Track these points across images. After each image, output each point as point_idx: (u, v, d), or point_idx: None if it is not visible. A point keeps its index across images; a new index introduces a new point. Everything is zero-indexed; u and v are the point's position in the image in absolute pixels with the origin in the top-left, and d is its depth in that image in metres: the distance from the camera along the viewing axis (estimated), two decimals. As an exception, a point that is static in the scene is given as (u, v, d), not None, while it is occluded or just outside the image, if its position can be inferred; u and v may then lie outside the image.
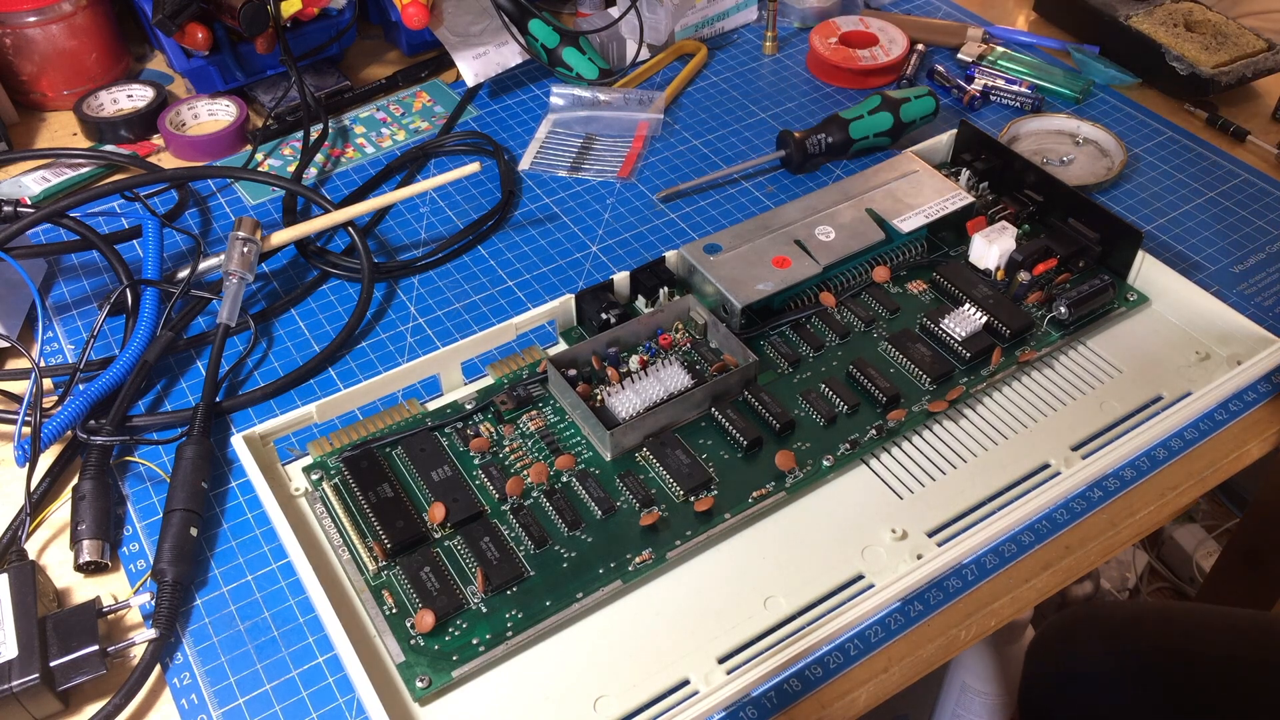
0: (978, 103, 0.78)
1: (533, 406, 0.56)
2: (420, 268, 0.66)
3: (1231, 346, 0.58)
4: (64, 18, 0.77)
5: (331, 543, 0.50)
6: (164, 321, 0.60)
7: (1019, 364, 0.57)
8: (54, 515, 0.53)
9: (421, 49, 0.85)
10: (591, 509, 0.51)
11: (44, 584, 0.48)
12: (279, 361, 0.61)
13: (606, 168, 0.74)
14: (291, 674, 0.47)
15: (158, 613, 0.47)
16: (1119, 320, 0.61)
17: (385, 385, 0.54)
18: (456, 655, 0.46)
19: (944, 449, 0.54)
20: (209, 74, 0.78)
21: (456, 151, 0.76)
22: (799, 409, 0.55)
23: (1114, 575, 1.30)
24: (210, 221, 0.70)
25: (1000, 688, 0.94)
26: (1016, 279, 0.61)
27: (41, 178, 0.73)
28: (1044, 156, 0.73)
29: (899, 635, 0.48)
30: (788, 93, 0.81)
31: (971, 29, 0.84)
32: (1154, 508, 0.53)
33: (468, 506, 0.51)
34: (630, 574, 0.48)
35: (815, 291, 0.61)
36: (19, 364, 0.61)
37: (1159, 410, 0.56)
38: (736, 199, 0.72)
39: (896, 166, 0.67)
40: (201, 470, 0.52)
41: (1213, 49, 0.77)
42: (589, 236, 0.69)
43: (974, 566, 0.50)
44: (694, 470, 0.52)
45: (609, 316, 0.58)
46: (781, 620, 0.47)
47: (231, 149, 0.76)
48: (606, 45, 0.82)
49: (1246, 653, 0.71)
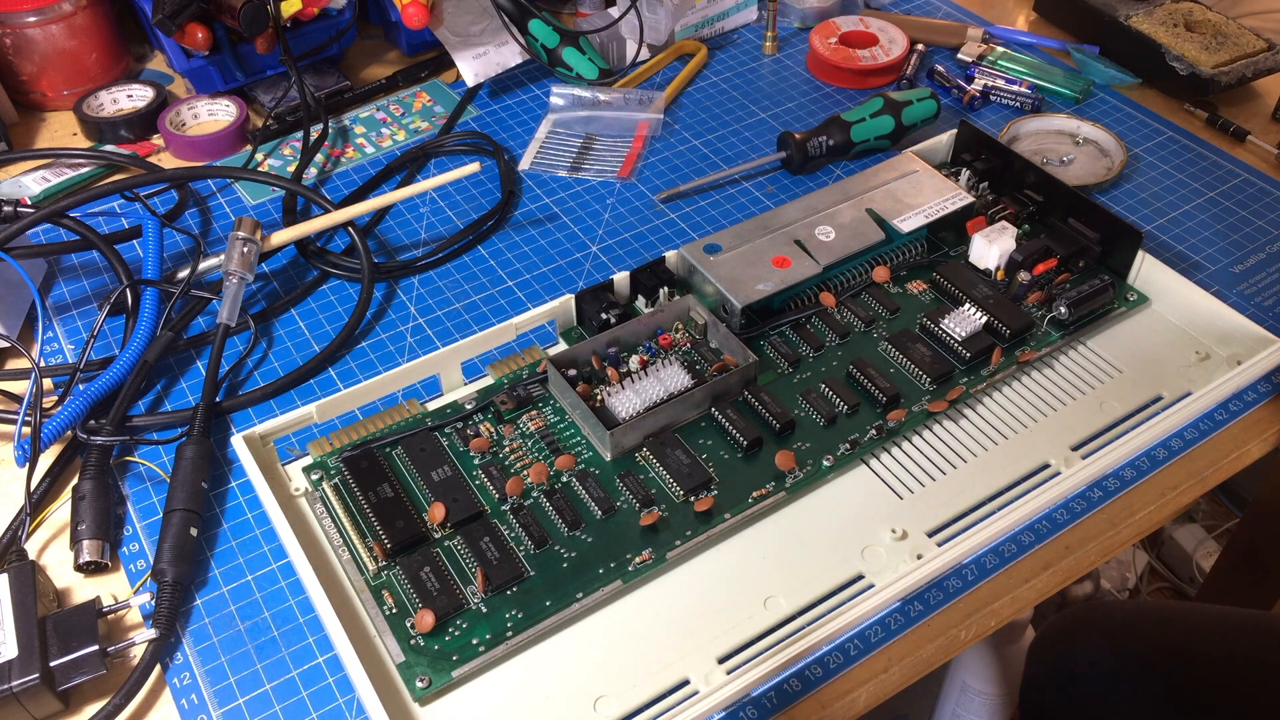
0: (978, 103, 0.78)
1: (533, 406, 0.56)
2: (420, 268, 0.66)
3: (1231, 346, 0.58)
4: (64, 18, 0.77)
5: (331, 543, 0.50)
6: (164, 321, 0.60)
7: (1019, 364, 0.57)
8: (54, 515, 0.53)
9: (421, 49, 0.85)
10: (591, 509, 0.51)
11: (44, 584, 0.48)
12: (279, 361, 0.61)
13: (606, 168, 0.74)
14: (291, 674, 0.47)
15: (158, 613, 0.47)
16: (1119, 320, 0.61)
17: (385, 385, 0.54)
18: (456, 655, 0.46)
19: (944, 449, 0.54)
20: (209, 74, 0.78)
21: (456, 151, 0.76)
22: (799, 409, 0.55)
23: (1114, 575, 1.30)
24: (210, 221, 0.70)
25: (1000, 688, 0.94)
26: (1016, 279, 0.61)
27: (41, 178, 0.73)
28: (1044, 156, 0.73)
29: (899, 635, 0.48)
30: (788, 93, 0.81)
31: (971, 29, 0.84)
32: (1154, 508, 0.53)
33: (468, 506, 0.51)
34: (630, 574, 0.48)
35: (815, 291, 0.61)
36: (19, 364, 0.61)
37: (1159, 410, 0.56)
38: (736, 199, 0.72)
39: (896, 166, 0.67)
40: (201, 470, 0.52)
41: (1213, 49, 0.77)
42: (589, 236, 0.69)
43: (974, 566, 0.50)
44: (694, 470, 0.52)
45: (609, 316, 0.58)
46: (781, 620, 0.47)
47: (231, 149, 0.76)
48: (606, 45, 0.82)
49: (1246, 652, 0.71)
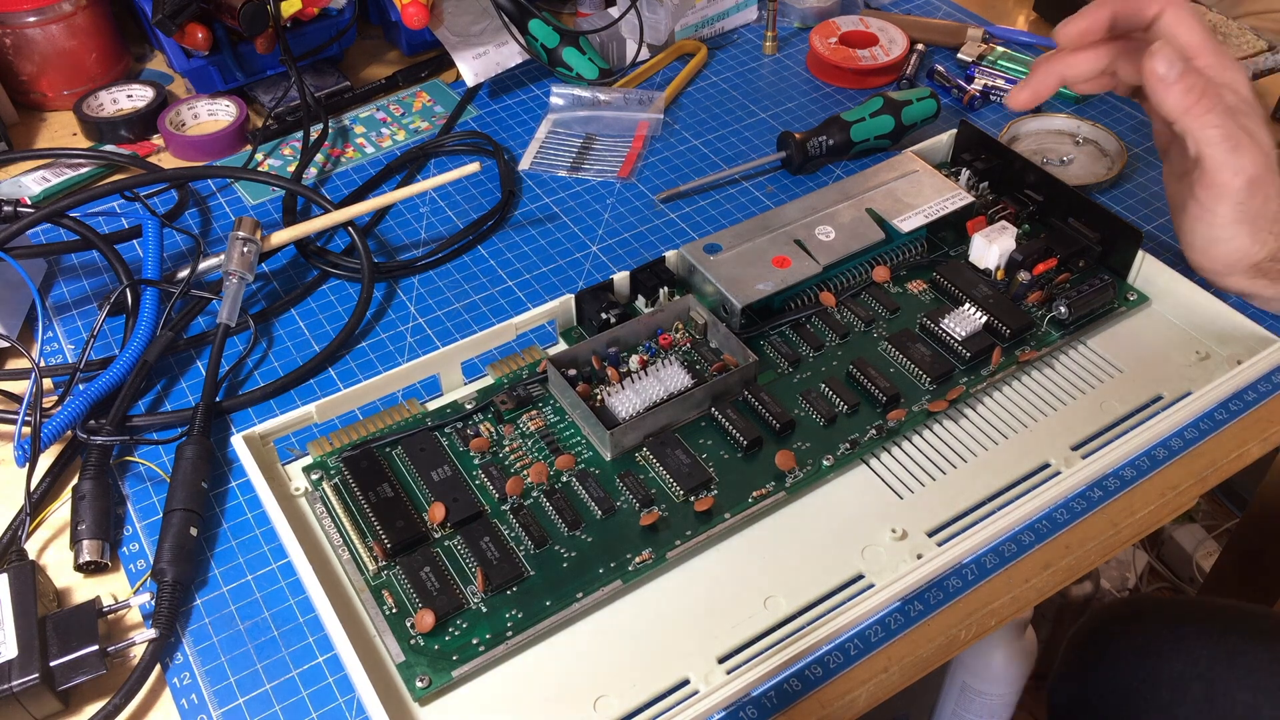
0: (978, 103, 0.78)
1: (533, 406, 0.56)
2: (420, 268, 0.66)
3: (1231, 346, 0.58)
4: (64, 18, 0.77)
5: (331, 543, 0.50)
6: (164, 321, 0.60)
7: (1019, 364, 0.57)
8: (54, 515, 0.53)
9: (421, 49, 0.85)
10: (591, 509, 0.51)
11: (44, 584, 0.48)
12: (279, 361, 0.61)
13: (606, 168, 0.74)
14: (291, 674, 0.47)
15: (158, 612, 0.47)
16: (1119, 320, 0.61)
17: (385, 385, 0.54)
18: (456, 655, 0.46)
19: (944, 449, 0.54)
20: (209, 74, 0.78)
21: (456, 151, 0.76)
22: (799, 409, 0.55)
23: (1114, 575, 1.30)
24: (210, 221, 0.70)
25: (1000, 688, 0.94)
26: (1016, 279, 0.61)
27: (41, 178, 0.73)
28: (1044, 156, 0.73)
29: (899, 635, 0.48)
30: (788, 93, 0.81)
31: (971, 29, 0.84)
32: (1154, 507, 0.53)
33: (468, 506, 0.51)
34: (630, 574, 0.48)
35: (815, 291, 0.61)
36: (19, 364, 0.61)
37: (1159, 410, 0.56)
38: (736, 199, 0.72)
39: (896, 166, 0.67)
40: (201, 470, 0.52)
41: (1213, 49, 0.77)
42: (589, 236, 0.69)
43: (974, 566, 0.50)
44: (694, 470, 0.52)
45: (609, 316, 0.58)
46: (781, 620, 0.47)
47: (231, 149, 0.76)
48: (606, 45, 0.82)
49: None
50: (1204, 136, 0.54)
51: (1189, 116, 0.54)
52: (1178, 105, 0.54)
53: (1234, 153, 0.54)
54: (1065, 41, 0.58)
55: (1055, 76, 0.58)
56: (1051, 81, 0.58)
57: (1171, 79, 0.53)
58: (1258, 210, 0.56)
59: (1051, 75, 0.58)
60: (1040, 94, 0.58)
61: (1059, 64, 0.58)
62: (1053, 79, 0.58)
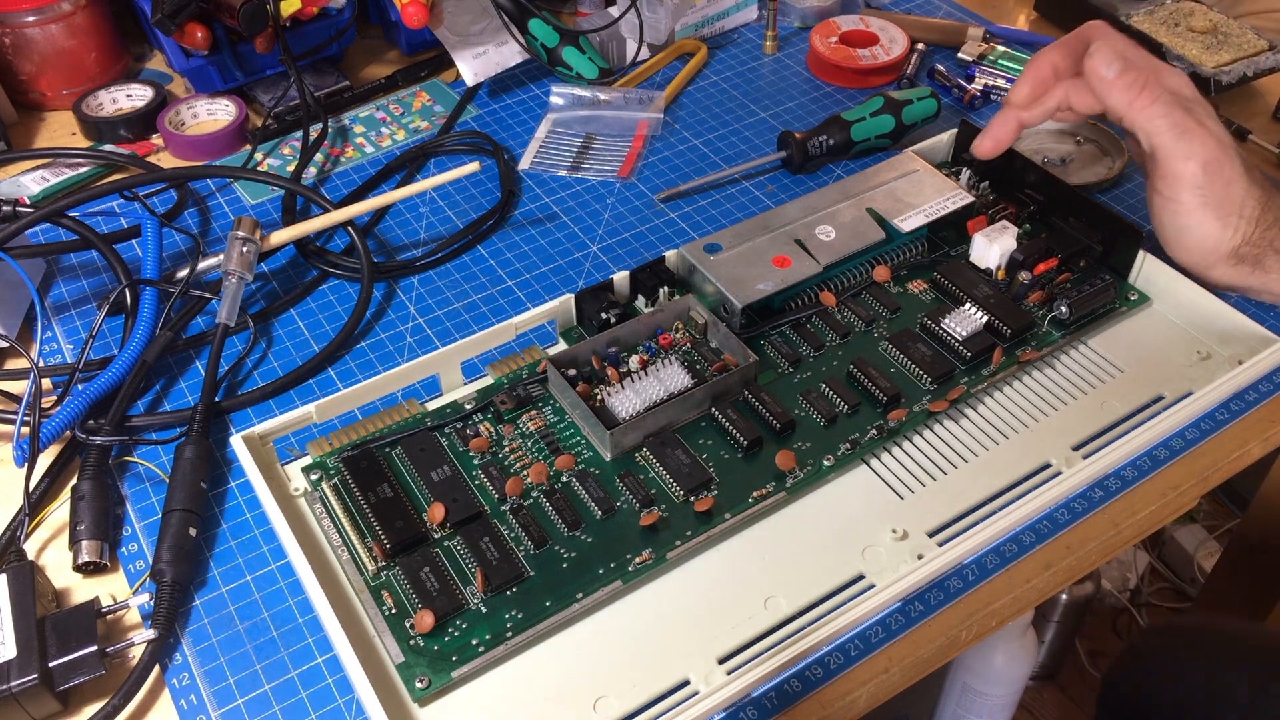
0: (978, 102, 0.78)
1: (533, 406, 0.55)
2: (420, 268, 0.66)
3: (1232, 346, 0.58)
4: (63, 17, 0.76)
5: (331, 543, 0.50)
6: (163, 321, 0.60)
7: (1020, 364, 0.57)
8: (53, 515, 0.53)
9: (421, 49, 0.85)
10: (591, 509, 0.51)
11: (43, 584, 0.48)
12: (278, 361, 0.61)
13: (606, 167, 0.74)
14: (291, 674, 0.47)
15: (157, 613, 0.47)
16: (1120, 320, 0.61)
17: (385, 385, 0.54)
18: (456, 656, 0.46)
19: (945, 449, 0.54)
20: (208, 73, 0.78)
21: (456, 151, 0.76)
22: (799, 409, 0.55)
23: (1115, 575, 1.30)
24: (209, 221, 0.70)
25: (1001, 688, 0.94)
26: (1017, 278, 0.61)
27: (40, 177, 0.73)
28: (1044, 156, 0.72)
29: (900, 635, 0.48)
30: (788, 92, 0.81)
31: (972, 28, 0.83)
32: (1155, 507, 0.53)
33: (467, 506, 0.50)
34: (630, 574, 0.48)
35: (815, 291, 0.61)
36: (18, 364, 0.61)
37: (1160, 410, 0.55)
38: (736, 199, 0.71)
39: (897, 166, 0.67)
40: (200, 470, 0.52)
41: (1213, 49, 0.77)
42: (589, 236, 0.69)
43: (975, 566, 0.50)
44: (694, 470, 0.52)
45: (609, 316, 0.58)
46: (782, 620, 0.47)
47: (231, 149, 0.76)
48: (606, 45, 0.82)
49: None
50: (1152, 127, 0.56)
51: (1134, 110, 0.56)
52: (1121, 100, 0.57)
53: (1182, 139, 0.56)
54: (1019, 103, 0.61)
55: (1014, 124, 0.62)
56: (1011, 129, 0.62)
57: (1112, 75, 0.56)
58: (1221, 194, 0.57)
59: (1010, 123, 0.62)
60: (1002, 143, 0.62)
61: (1016, 113, 0.61)
62: (1011, 126, 0.62)
